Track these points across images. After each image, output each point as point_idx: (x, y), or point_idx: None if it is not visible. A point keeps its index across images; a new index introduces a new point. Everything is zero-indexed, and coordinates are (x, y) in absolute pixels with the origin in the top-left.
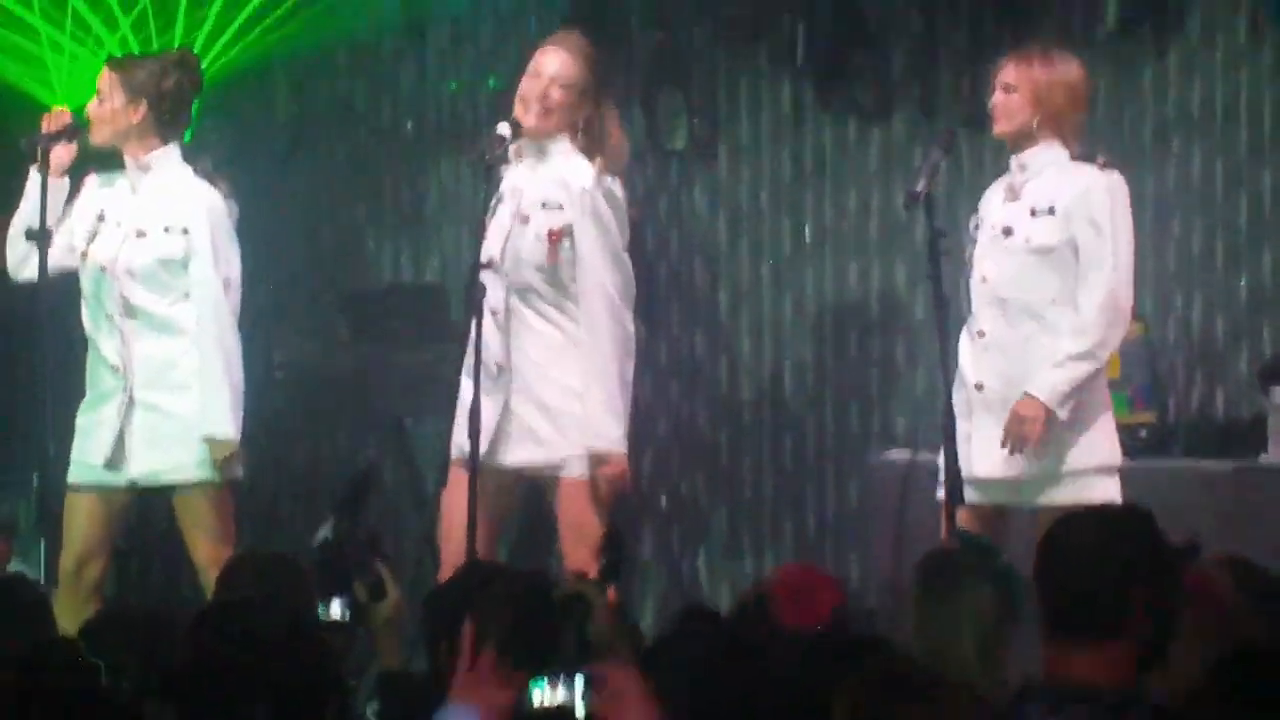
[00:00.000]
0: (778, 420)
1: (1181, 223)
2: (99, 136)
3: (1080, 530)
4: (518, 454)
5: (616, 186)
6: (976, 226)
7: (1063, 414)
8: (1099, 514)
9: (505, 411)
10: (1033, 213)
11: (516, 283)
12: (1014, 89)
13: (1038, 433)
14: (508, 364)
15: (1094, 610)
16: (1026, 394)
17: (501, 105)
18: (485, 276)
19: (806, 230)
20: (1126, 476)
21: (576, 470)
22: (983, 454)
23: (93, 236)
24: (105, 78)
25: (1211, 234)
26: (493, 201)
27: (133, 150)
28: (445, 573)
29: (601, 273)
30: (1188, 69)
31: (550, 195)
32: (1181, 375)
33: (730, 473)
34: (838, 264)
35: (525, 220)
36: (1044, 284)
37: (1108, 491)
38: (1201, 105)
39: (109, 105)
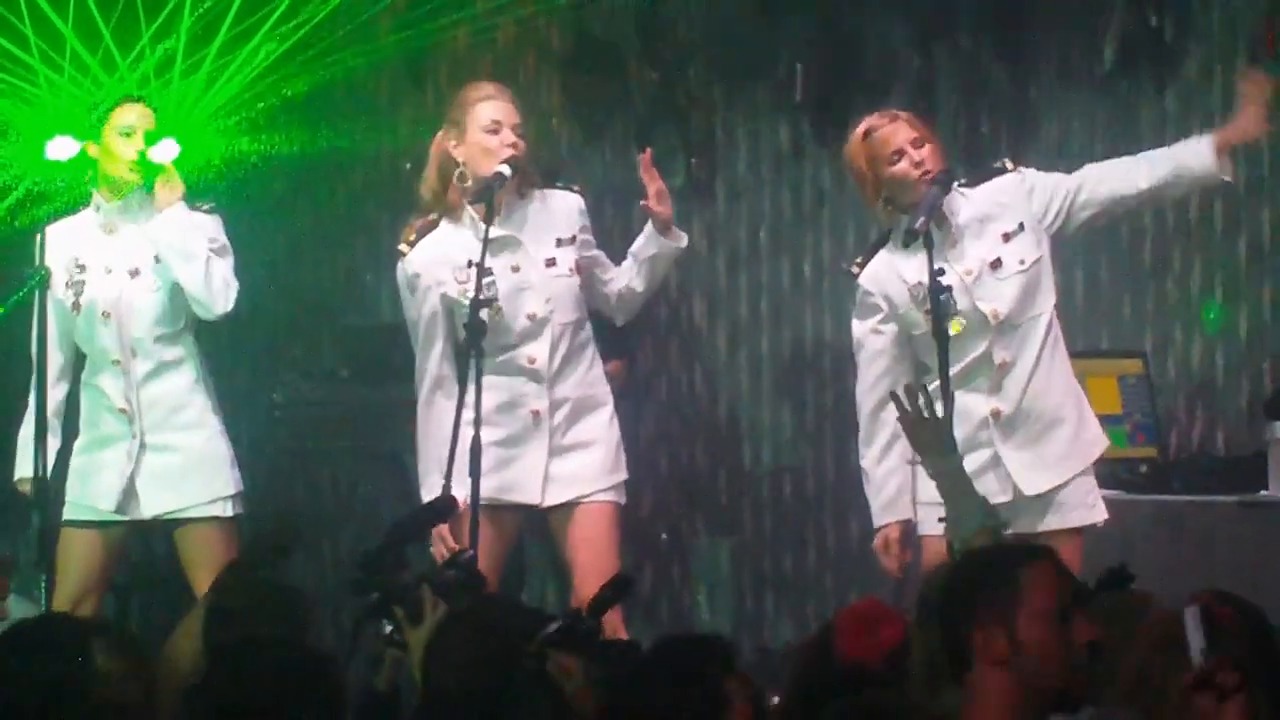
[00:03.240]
0: (778, 456)
1: (1181, 259)
2: (155, 180)
3: (943, 571)
4: (562, 494)
5: None
6: (923, 297)
7: None
8: (967, 557)
9: (548, 457)
10: (1005, 238)
11: (559, 324)
12: (925, 141)
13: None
14: (547, 409)
15: (945, 652)
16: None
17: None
18: (515, 328)
19: (805, 267)
20: (1129, 511)
21: (604, 496)
22: (1019, 474)
23: (80, 286)
24: None
25: (1211, 270)
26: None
27: (132, 192)
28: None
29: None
30: (1186, 106)
31: (562, 232)
32: (1182, 411)
33: (730, 509)
34: (836, 301)
35: (551, 262)
36: (1045, 295)
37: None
38: None
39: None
